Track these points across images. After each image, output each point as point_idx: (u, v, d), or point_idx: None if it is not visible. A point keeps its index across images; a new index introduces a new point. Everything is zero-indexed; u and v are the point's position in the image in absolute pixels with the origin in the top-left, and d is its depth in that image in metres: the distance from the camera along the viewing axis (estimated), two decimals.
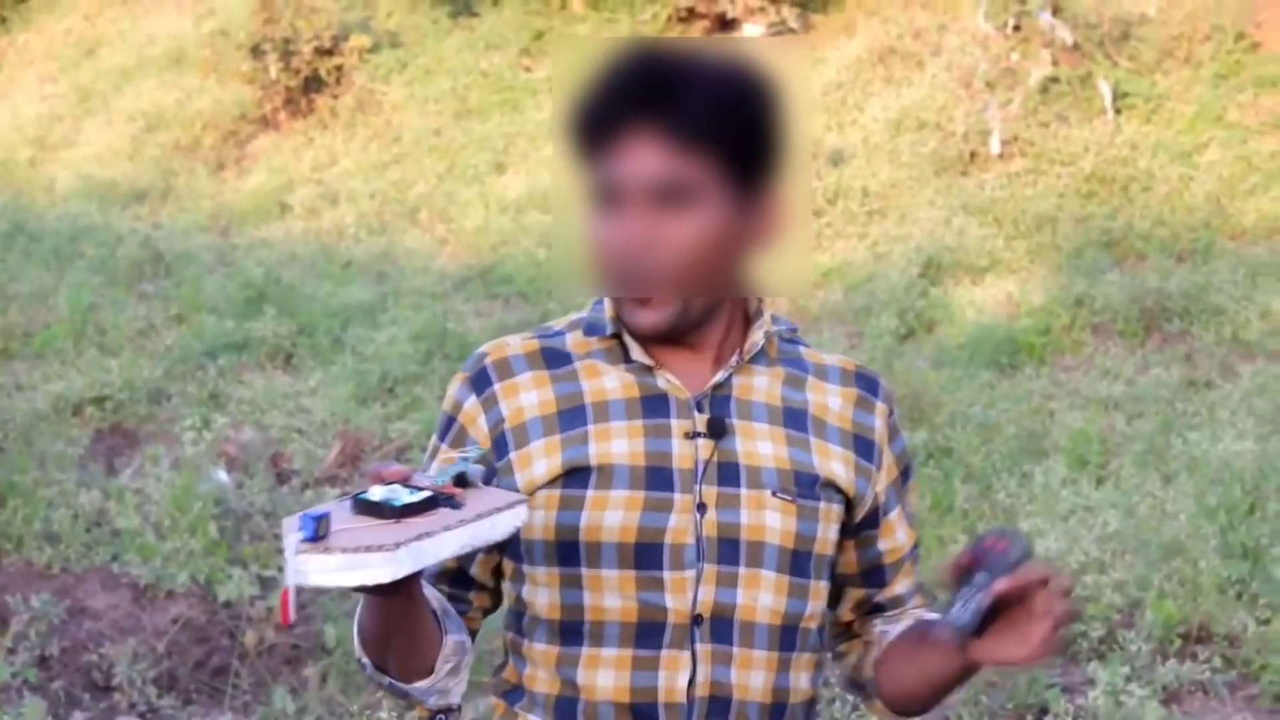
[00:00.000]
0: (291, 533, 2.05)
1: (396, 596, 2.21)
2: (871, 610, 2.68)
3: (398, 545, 2.05)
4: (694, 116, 2.32)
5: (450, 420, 2.53)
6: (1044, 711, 6.54)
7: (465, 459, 2.21)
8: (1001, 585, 2.27)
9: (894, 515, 2.64)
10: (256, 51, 19.77)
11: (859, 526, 2.59)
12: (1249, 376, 10.97)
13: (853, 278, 14.00)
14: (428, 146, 18.82)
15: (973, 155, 15.89)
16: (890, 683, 2.63)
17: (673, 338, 2.45)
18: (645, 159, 2.33)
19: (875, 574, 2.65)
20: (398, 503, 2.11)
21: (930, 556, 7.84)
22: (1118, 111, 16.00)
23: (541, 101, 19.20)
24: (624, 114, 2.33)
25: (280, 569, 7.40)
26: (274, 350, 12.08)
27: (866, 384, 2.62)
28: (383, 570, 2.04)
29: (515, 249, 15.61)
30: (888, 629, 2.67)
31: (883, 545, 2.64)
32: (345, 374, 11.23)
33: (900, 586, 2.68)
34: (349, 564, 2.04)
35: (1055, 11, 16.57)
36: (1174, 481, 8.83)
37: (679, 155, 2.33)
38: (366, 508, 2.11)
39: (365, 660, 2.45)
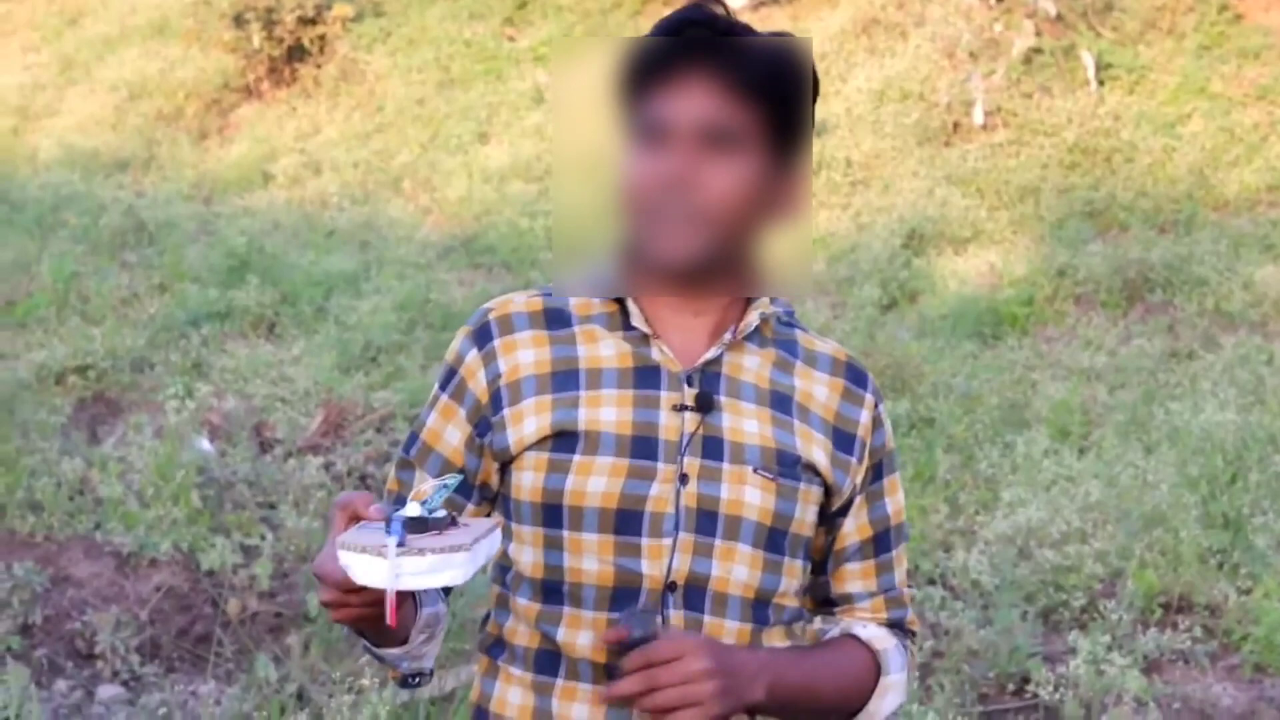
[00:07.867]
0: (366, 540, 2.16)
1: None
2: (824, 600, 2.70)
3: (474, 542, 2.18)
4: (748, 68, 2.41)
5: (452, 371, 2.58)
6: (1025, 680, 6.56)
7: (446, 486, 2.27)
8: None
9: (855, 505, 2.65)
10: (239, 20, 19.74)
11: (833, 515, 2.63)
12: (1231, 347, 10.99)
13: (836, 248, 14.01)
14: (411, 116, 18.80)
15: (956, 126, 15.90)
16: None
17: (692, 283, 2.50)
18: (698, 100, 2.42)
19: (823, 562, 2.68)
20: (441, 516, 2.23)
21: (913, 526, 7.87)
22: (1101, 82, 16.00)
23: (525, 71, 19.18)
24: (682, 57, 2.42)
25: (263, 537, 7.45)
26: (257, 319, 12.07)
27: (855, 376, 2.65)
28: (463, 570, 2.17)
29: (498, 218, 15.61)
30: (825, 628, 2.69)
31: (833, 534, 2.66)
32: (328, 343, 11.23)
33: (851, 585, 2.69)
34: (438, 565, 2.16)
35: None
36: (1156, 452, 8.85)
37: (730, 101, 2.41)
38: (413, 524, 2.19)
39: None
